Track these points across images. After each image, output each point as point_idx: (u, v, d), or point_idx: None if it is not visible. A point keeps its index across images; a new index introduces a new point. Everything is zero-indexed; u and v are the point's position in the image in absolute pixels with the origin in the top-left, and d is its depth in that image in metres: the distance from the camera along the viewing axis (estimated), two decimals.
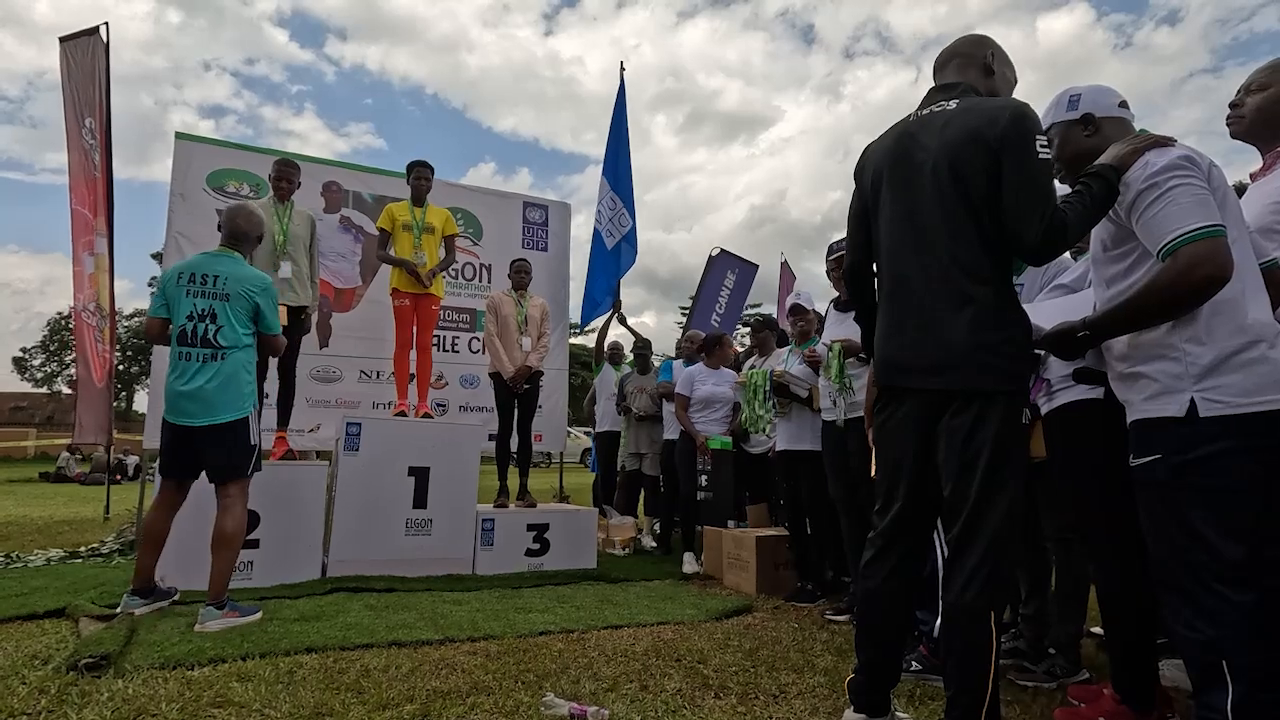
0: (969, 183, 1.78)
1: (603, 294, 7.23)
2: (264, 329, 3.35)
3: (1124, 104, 1.94)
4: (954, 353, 1.78)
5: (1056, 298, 2.37)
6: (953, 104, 1.89)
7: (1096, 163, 1.77)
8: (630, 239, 7.29)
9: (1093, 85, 1.97)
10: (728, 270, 8.71)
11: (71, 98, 6.60)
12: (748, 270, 9.00)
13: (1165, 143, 1.72)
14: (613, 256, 7.27)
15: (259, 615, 3.14)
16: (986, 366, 1.75)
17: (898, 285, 1.94)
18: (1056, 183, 1.96)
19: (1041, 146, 1.73)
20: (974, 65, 2.00)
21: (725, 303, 8.71)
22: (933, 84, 2.04)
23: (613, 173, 7.39)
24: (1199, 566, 1.53)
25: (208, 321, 3.18)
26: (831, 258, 3.58)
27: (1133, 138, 1.77)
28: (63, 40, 6.58)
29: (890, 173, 1.97)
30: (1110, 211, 1.75)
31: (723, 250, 8.75)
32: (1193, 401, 1.56)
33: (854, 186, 2.15)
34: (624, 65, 7.51)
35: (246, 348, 3.28)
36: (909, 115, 2.01)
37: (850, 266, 2.17)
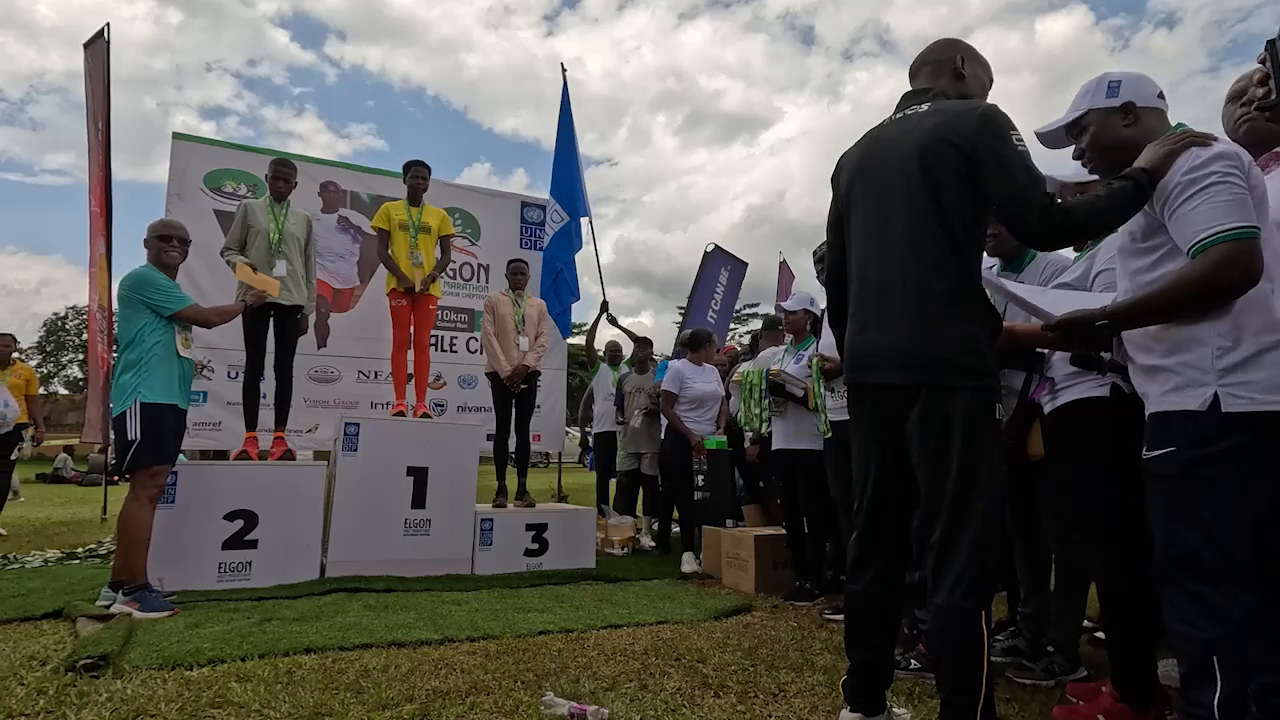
0: (937, 183, 1.78)
1: (552, 282, 6.76)
2: (162, 313, 3.41)
3: (1161, 95, 1.86)
4: (914, 349, 1.79)
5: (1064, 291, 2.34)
6: (924, 107, 1.90)
7: (1133, 165, 1.69)
8: (572, 229, 6.85)
9: (1132, 73, 1.86)
10: (721, 267, 8.67)
11: (90, 101, 6.62)
12: (739, 268, 8.96)
13: (1205, 141, 1.64)
14: (558, 244, 6.81)
15: (162, 615, 3.12)
16: (945, 363, 1.75)
17: (865, 285, 1.94)
18: (1085, 170, 1.92)
19: (1017, 140, 1.73)
20: (945, 72, 1.99)
21: (720, 299, 8.70)
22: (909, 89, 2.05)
23: (556, 177, 6.92)
24: (1204, 563, 1.52)
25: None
26: (817, 260, 3.57)
27: (1169, 137, 1.68)
28: (86, 46, 6.61)
29: (861, 177, 1.98)
30: None
31: (717, 246, 8.71)
32: (1215, 396, 1.53)
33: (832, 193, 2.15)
34: (564, 67, 7.22)
35: (133, 345, 3.36)
36: (882, 121, 2.02)
37: (829, 272, 2.17)
